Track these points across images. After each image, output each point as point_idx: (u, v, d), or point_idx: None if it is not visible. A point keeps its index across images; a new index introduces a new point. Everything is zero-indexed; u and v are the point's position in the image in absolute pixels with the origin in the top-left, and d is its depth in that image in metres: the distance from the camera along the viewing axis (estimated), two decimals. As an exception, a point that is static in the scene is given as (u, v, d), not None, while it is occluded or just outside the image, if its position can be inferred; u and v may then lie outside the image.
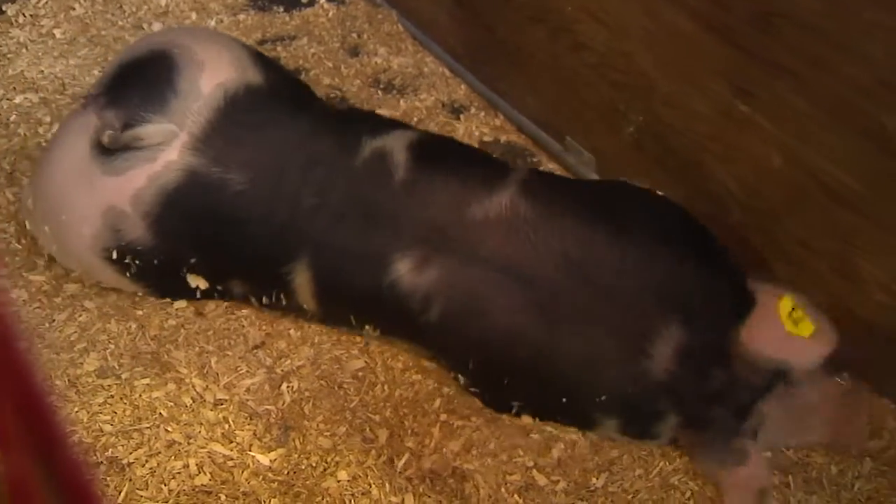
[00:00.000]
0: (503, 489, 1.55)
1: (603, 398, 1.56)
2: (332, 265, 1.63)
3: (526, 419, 1.68)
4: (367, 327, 1.74)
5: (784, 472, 1.63)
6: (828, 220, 1.61)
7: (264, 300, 1.75)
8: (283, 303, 1.73)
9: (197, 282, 1.73)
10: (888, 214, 1.49)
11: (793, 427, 1.63)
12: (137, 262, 1.66)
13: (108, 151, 1.61)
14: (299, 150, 1.64)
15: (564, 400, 1.59)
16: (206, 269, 1.71)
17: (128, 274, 1.70)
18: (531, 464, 1.59)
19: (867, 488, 1.59)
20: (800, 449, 1.67)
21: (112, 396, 1.61)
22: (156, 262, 1.67)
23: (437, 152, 1.70)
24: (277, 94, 1.73)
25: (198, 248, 1.67)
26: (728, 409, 1.57)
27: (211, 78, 1.66)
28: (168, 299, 1.81)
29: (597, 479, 1.59)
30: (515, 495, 1.54)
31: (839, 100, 1.48)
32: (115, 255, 1.66)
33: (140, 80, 1.68)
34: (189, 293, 1.76)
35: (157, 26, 2.55)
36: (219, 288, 1.76)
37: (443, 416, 1.67)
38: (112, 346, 1.72)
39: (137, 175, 1.61)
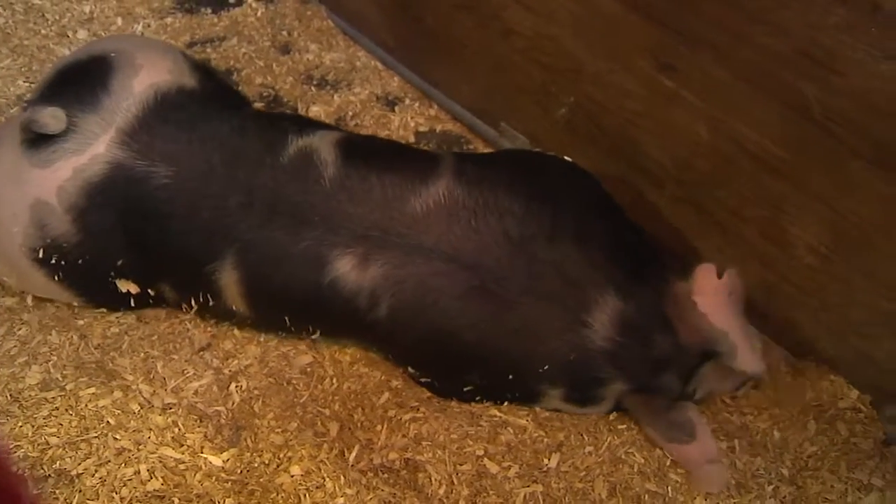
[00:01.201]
0: (455, 479, 1.56)
1: (546, 368, 1.58)
2: (262, 265, 1.61)
3: (474, 406, 1.70)
4: (305, 330, 1.74)
5: (729, 437, 1.67)
6: (756, 188, 1.65)
7: (193, 303, 1.73)
8: (211, 304, 1.71)
9: (127, 286, 1.70)
10: (812, 178, 1.54)
11: (721, 377, 1.68)
12: (63, 262, 1.64)
13: (36, 145, 1.59)
14: (225, 147, 1.63)
15: (511, 377, 1.62)
16: (134, 270, 1.69)
17: (56, 278, 1.67)
18: (481, 452, 1.61)
19: (811, 449, 1.64)
20: (742, 414, 1.72)
21: (57, 408, 1.59)
22: (81, 261, 1.64)
23: (365, 150, 1.70)
24: (209, 97, 1.73)
25: (124, 245, 1.64)
26: (675, 374, 1.62)
27: (145, 79, 1.67)
28: (104, 310, 1.80)
29: (548, 459, 1.62)
30: (467, 486, 1.55)
31: (759, 70, 1.51)
32: (41, 254, 1.63)
33: (75, 80, 1.68)
34: (122, 301, 1.73)
35: (81, 34, 2.51)
36: (150, 292, 1.73)
37: (391, 409, 1.68)
38: (54, 358, 1.69)
39: (63, 167, 1.59)
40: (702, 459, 1.59)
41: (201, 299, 1.71)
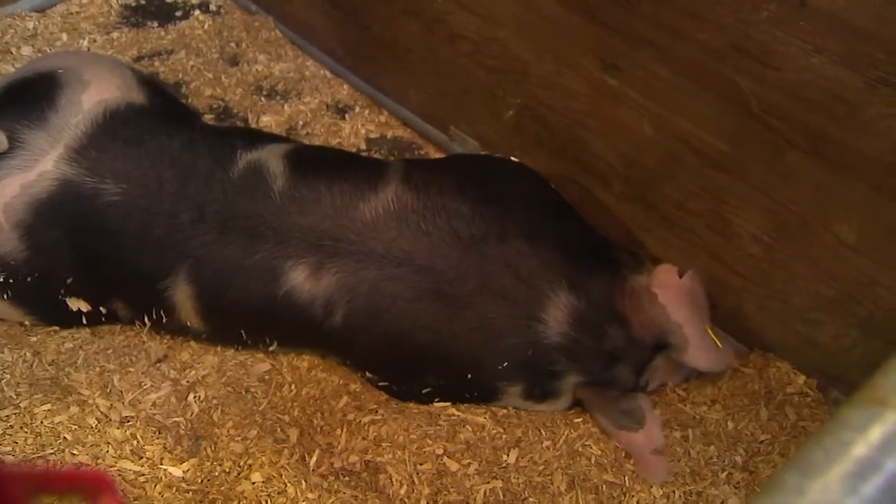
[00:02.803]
0: (415, 478, 1.58)
1: (504, 365, 1.61)
2: (216, 280, 1.61)
3: (433, 406, 1.72)
4: (262, 342, 1.75)
5: (683, 427, 1.71)
6: (700, 181, 1.69)
7: (147, 320, 1.73)
8: (164, 320, 1.70)
9: (78, 304, 1.70)
10: (752, 170, 1.58)
11: (672, 369, 1.72)
12: (12, 280, 1.63)
13: None
14: (176, 163, 1.63)
15: (469, 376, 1.63)
16: (85, 288, 1.68)
17: (5, 296, 1.66)
18: (441, 451, 1.63)
19: (763, 436, 1.68)
20: (696, 405, 1.76)
21: (11, 426, 1.58)
22: (30, 279, 1.63)
23: (313, 160, 1.71)
24: (158, 112, 1.73)
25: (73, 262, 1.63)
26: (628, 366, 1.65)
27: (93, 95, 1.67)
28: (56, 327, 1.78)
29: (507, 455, 1.64)
30: (428, 485, 1.57)
31: (698, 66, 1.55)
32: None
33: (22, 96, 1.68)
34: (73, 319, 1.73)
35: (25, 50, 2.49)
36: (102, 310, 1.73)
37: (350, 413, 1.69)
38: (7, 376, 1.68)
39: (10, 184, 1.58)
40: (648, 447, 1.63)
41: (154, 316, 1.71)
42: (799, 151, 1.48)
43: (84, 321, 1.73)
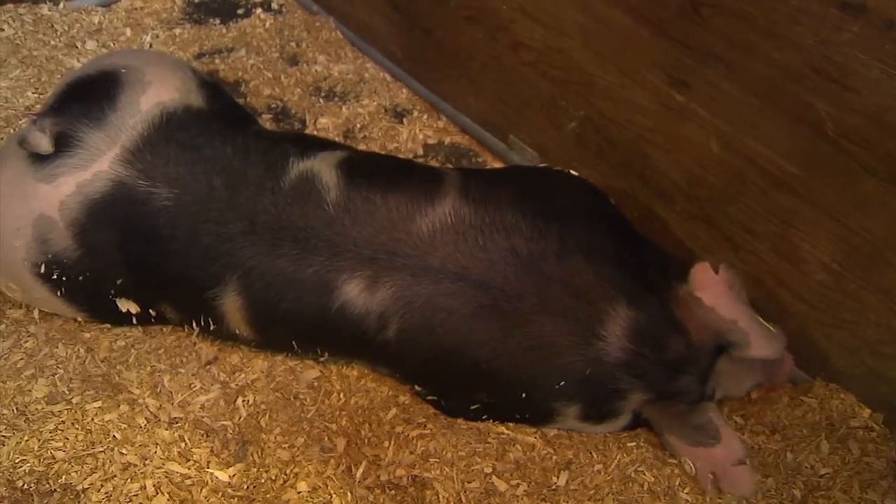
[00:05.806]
0: (463, 496, 1.55)
1: (562, 384, 1.57)
2: (268, 292, 1.60)
3: (482, 423, 1.69)
4: (313, 351, 1.74)
5: (740, 456, 1.65)
6: (767, 204, 1.64)
7: (195, 325, 1.73)
8: (212, 327, 1.70)
9: (127, 305, 1.70)
10: (824, 195, 1.53)
11: (736, 376, 1.67)
12: (65, 278, 1.63)
13: (42, 159, 1.59)
14: (227, 170, 1.62)
15: (524, 395, 1.60)
16: (134, 290, 1.68)
17: (59, 293, 1.67)
18: (490, 469, 1.60)
19: (823, 470, 1.62)
20: (755, 434, 1.70)
21: (63, 422, 1.59)
22: (82, 278, 1.64)
23: (368, 170, 1.68)
24: (215, 116, 1.72)
25: (123, 264, 1.63)
26: (692, 375, 1.60)
27: (152, 97, 1.66)
28: (108, 325, 1.79)
29: (557, 478, 1.60)
30: (475, 504, 1.55)
31: (771, 85, 1.51)
32: (43, 269, 1.62)
33: (83, 94, 1.68)
34: (124, 318, 1.73)
35: (90, 44, 2.51)
36: (152, 312, 1.73)
37: (399, 425, 1.67)
38: (61, 371, 1.69)
39: (66, 182, 1.59)
40: (729, 460, 1.57)
41: (202, 322, 1.71)
42: (876, 178, 1.42)
43: (134, 321, 1.74)
